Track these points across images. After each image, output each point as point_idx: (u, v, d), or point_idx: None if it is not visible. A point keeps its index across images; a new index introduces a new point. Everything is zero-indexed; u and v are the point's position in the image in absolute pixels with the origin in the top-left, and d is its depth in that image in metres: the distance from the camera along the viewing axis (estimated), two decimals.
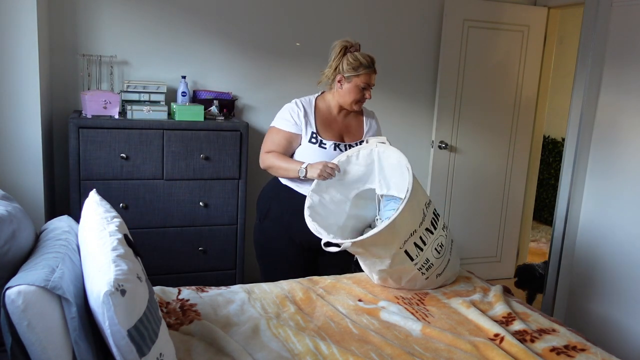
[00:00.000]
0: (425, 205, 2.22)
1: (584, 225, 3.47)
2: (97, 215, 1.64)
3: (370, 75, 2.44)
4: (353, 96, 2.46)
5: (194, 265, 3.18)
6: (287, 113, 2.48)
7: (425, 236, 2.18)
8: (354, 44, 2.45)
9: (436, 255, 2.23)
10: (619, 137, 3.24)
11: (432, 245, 2.21)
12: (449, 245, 2.32)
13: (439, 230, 2.26)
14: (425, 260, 2.20)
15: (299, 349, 1.81)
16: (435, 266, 2.25)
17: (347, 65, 2.41)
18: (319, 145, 2.44)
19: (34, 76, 2.80)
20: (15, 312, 1.23)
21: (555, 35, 4.22)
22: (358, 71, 2.41)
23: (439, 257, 2.24)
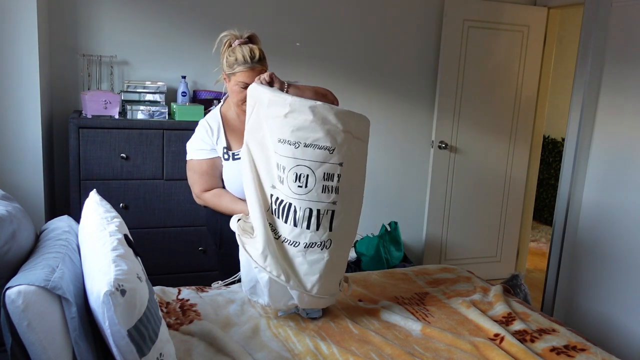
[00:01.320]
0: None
1: (584, 225, 3.47)
2: (97, 215, 1.64)
3: (247, 73, 2.07)
4: (236, 96, 2.14)
5: (194, 265, 3.18)
6: (198, 141, 2.22)
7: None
8: (240, 35, 2.13)
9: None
10: (619, 137, 3.24)
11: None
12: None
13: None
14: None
15: (299, 349, 1.81)
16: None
17: (225, 62, 2.12)
18: (232, 159, 2.19)
19: (34, 76, 2.80)
20: (15, 312, 1.23)
21: (555, 35, 4.22)
22: (234, 68, 2.09)
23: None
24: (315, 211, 1.87)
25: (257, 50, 2.11)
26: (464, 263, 4.02)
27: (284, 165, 1.86)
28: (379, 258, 3.63)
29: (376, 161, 3.93)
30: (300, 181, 1.85)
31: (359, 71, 3.81)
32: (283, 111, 1.84)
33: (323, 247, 1.91)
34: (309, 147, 1.84)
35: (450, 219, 4.15)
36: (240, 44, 2.11)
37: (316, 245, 1.90)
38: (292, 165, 1.84)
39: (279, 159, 1.87)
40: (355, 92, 3.81)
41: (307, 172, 1.85)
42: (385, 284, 2.42)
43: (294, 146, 1.84)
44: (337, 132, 1.85)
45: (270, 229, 1.92)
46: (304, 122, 1.82)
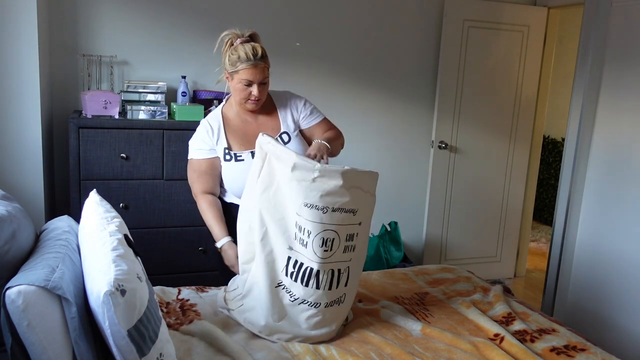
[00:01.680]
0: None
1: (584, 225, 3.47)
2: (97, 215, 1.64)
3: (250, 71, 2.07)
4: (238, 94, 2.14)
5: (194, 265, 3.17)
6: (198, 141, 2.21)
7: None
8: (242, 34, 2.13)
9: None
10: (619, 137, 3.24)
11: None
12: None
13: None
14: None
15: (298, 349, 1.81)
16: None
17: (227, 60, 2.11)
18: (235, 160, 2.17)
19: (34, 76, 2.80)
20: (15, 312, 1.23)
21: (555, 35, 4.22)
22: (237, 66, 2.08)
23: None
24: (336, 272, 1.87)
25: (260, 47, 2.10)
26: (464, 263, 4.02)
27: (309, 229, 1.80)
28: (379, 258, 3.63)
29: (376, 161, 3.93)
30: (326, 245, 1.81)
31: (359, 71, 3.81)
32: (311, 175, 1.80)
33: (339, 302, 1.92)
34: (336, 211, 1.81)
35: (450, 219, 4.15)
36: (242, 42, 2.10)
37: (334, 302, 1.90)
38: (319, 230, 1.80)
39: (304, 223, 1.81)
40: (355, 92, 3.81)
41: (334, 236, 1.82)
42: (385, 284, 2.42)
43: (322, 211, 1.79)
44: (360, 194, 1.85)
45: (286, 291, 1.88)
46: (334, 188, 1.79)
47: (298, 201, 1.81)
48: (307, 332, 1.88)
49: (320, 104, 3.14)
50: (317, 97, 3.50)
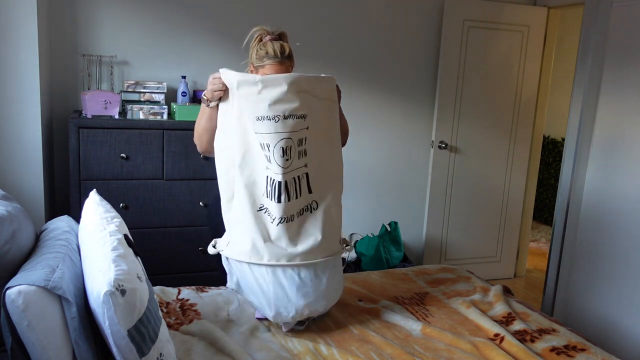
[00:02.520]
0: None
1: (584, 225, 3.47)
2: (97, 215, 1.64)
3: (275, 67, 2.11)
4: None
5: (194, 265, 3.18)
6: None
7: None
8: (272, 32, 2.18)
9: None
10: (619, 137, 3.24)
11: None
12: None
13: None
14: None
15: (298, 348, 1.81)
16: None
17: (255, 55, 2.16)
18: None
19: (34, 76, 2.80)
20: (15, 312, 1.23)
21: (555, 35, 4.22)
22: (263, 61, 2.12)
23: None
24: (297, 179, 1.93)
25: (288, 47, 2.16)
26: (464, 263, 4.02)
27: (268, 142, 1.88)
28: (379, 258, 3.63)
29: (376, 161, 3.93)
30: (286, 154, 1.89)
31: (359, 71, 3.81)
32: (256, 88, 1.88)
33: (311, 210, 1.97)
34: (288, 118, 1.88)
35: (450, 219, 4.15)
36: (272, 39, 2.16)
37: (304, 210, 1.96)
38: (276, 140, 1.87)
39: (262, 138, 1.89)
40: (355, 92, 3.81)
41: (290, 143, 1.89)
42: (385, 284, 2.42)
43: (274, 120, 1.87)
44: (309, 98, 1.92)
45: (265, 213, 1.93)
46: (280, 95, 1.87)
47: (251, 118, 1.89)
48: (294, 249, 1.93)
49: None
50: None
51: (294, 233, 1.95)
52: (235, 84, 1.91)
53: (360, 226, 3.93)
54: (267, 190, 1.92)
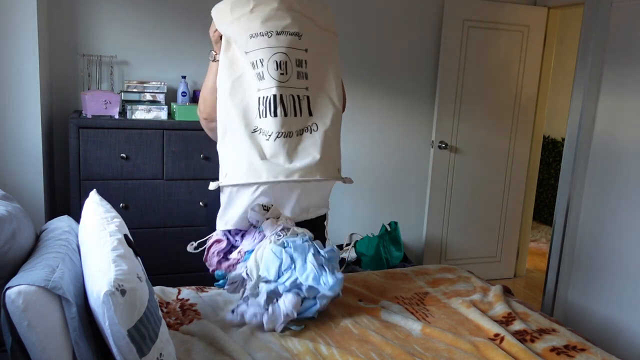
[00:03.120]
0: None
1: (584, 225, 3.47)
2: (97, 215, 1.64)
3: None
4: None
5: (194, 265, 3.17)
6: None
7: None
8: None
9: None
10: (618, 136, 3.24)
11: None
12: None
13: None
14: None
15: (298, 348, 1.81)
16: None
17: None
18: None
19: (34, 76, 2.80)
20: (15, 312, 1.23)
21: (555, 35, 4.22)
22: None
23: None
24: (296, 98, 1.95)
25: None
26: (464, 263, 4.02)
27: (261, 58, 1.90)
28: (379, 258, 3.63)
29: (376, 161, 3.93)
30: (281, 68, 1.91)
31: (359, 71, 3.81)
32: (247, 8, 1.92)
33: (311, 131, 1.98)
34: (281, 34, 1.91)
35: (450, 219, 4.14)
36: None
37: (304, 131, 1.97)
38: (270, 54, 1.89)
39: (255, 55, 1.91)
40: (355, 92, 3.81)
41: (285, 58, 1.92)
42: (385, 284, 2.42)
43: (267, 36, 1.90)
44: (301, 18, 1.95)
45: (259, 133, 1.93)
46: (271, 12, 1.91)
47: (244, 38, 1.92)
48: (291, 165, 1.93)
49: None
50: None
51: (292, 150, 1.94)
52: (228, 8, 1.95)
53: (360, 226, 3.93)
54: (260, 110, 1.92)
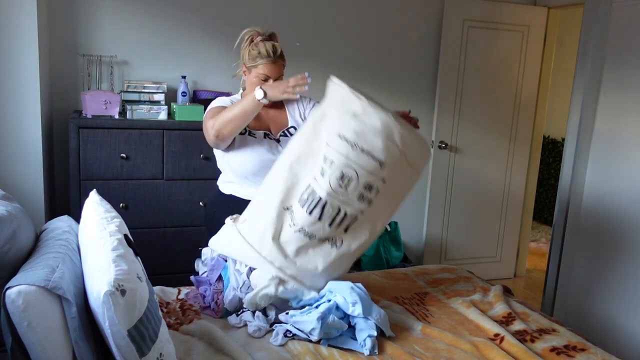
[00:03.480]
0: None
1: (584, 225, 3.47)
2: (97, 215, 1.64)
3: (269, 66, 2.19)
4: (254, 88, 2.17)
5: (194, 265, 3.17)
6: (219, 101, 2.31)
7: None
8: (262, 32, 2.24)
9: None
10: (618, 137, 3.24)
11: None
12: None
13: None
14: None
15: (298, 349, 1.81)
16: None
17: (247, 55, 2.23)
18: (248, 134, 2.24)
19: (34, 76, 2.80)
20: (15, 312, 1.23)
21: (555, 35, 4.22)
22: (256, 61, 2.20)
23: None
24: (342, 212, 1.89)
25: (279, 46, 2.23)
26: (464, 263, 4.02)
27: (332, 159, 1.86)
28: (379, 258, 3.63)
29: None
30: (343, 182, 1.86)
31: (359, 71, 3.81)
32: (355, 110, 1.86)
33: (333, 244, 1.94)
34: (364, 153, 1.84)
35: (450, 219, 4.14)
36: (263, 40, 2.22)
37: (328, 240, 1.93)
38: (342, 163, 1.85)
39: (330, 153, 1.87)
40: None
41: (354, 176, 1.86)
42: (385, 284, 2.42)
43: (351, 146, 1.84)
44: (394, 150, 1.87)
45: (289, 214, 1.92)
46: (370, 129, 1.84)
47: (333, 130, 1.88)
48: (292, 261, 1.92)
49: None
50: (317, 97, 3.50)
51: (303, 250, 1.92)
52: (341, 96, 1.91)
53: None
54: (303, 197, 1.90)
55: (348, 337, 1.88)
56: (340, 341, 1.85)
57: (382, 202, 1.95)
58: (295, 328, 1.86)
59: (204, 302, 2.06)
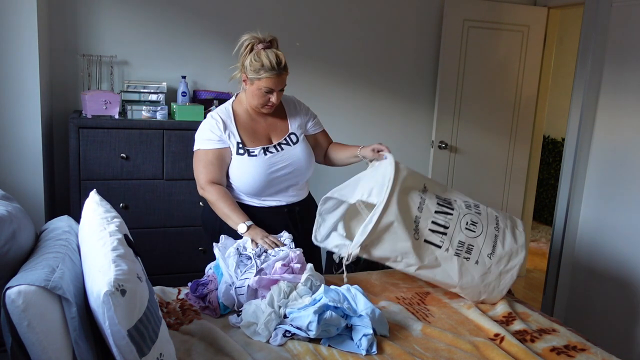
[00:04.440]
0: (421, 190, 2.20)
1: (584, 225, 3.47)
2: (97, 215, 1.64)
3: (273, 80, 2.14)
4: (257, 100, 2.20)
5: (194, 265, 3.17)
6: (207, 131, 2.22)
7: (441, 219, 2.12)
8: (263, 39, 2.15)
9: (471, 234, 2.13)
10: (618, 137, 3.24)
11: (458, 225, 2.13)
12: (487, 220, 2.21)
13: (460, 209, 2.21)
14: (458, 243, 2.12)
15: (298, 349, 1.81)
16: (479, 246, 2.13)
17: (249, 66, 2.15)
18: (248, 155, 2.22)
19: (34, 76, 2.80)
20: (15, 312, 1.23)
21: (555, 35, 4.22)
22: (259, 74, 2.13)
23: (475, 235, 2.13)
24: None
25: (282, 56, 2.15)
26: None
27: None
28: None
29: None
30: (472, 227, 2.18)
31: (359, 71, 3.81)
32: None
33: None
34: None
35: None
36: (264, 48, 2.14)
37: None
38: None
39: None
40: (355, 92, 3.82)
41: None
42: (385, 284, 2.42)
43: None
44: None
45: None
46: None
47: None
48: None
49: (321, 104, 3.14)
50: (317, 97, 3.50)
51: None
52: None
53: None
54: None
55: (347, 338, 1.88)
56: (339, 343, 1.85)
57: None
58: (293, 327, 1.86)
59: (203, 303, 2.06)
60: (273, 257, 2.06)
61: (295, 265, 2.05)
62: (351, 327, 1.89)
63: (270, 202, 2.30)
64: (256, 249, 2.08)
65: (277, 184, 2.27)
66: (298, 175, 2.32)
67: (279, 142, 2.29)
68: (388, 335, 1.91)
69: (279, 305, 1.90)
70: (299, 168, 2.30)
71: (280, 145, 2.28)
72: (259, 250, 2.07)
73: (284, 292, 1.92)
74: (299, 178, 2.34)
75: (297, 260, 2.06)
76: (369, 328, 1.84)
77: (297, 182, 2.35)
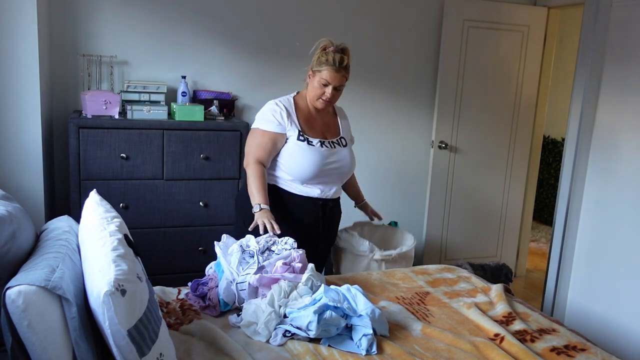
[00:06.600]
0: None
1: (584, 225, 3.47)
2: (97, 215, 1.64)
3: (331, 74, 2.38)
4: (314, 91, 2.43)
5: (194, 265, 3.17)
6: (269, 114, 2.43)
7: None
8: (335, 45, 2.42)
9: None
10: (618, 137, 3.24)
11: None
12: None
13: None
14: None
15: (298, 349, 1.81)
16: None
17: (316, 60, 2.41)
18: (307, 143, 2.42)
19: (34, 76, 2.80)
20: (15, 312, 1.23)
21: (555, 35, 4.22)
22: (321, 67, 2.39)
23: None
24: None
25: (347, 59, 2.42)
26: None
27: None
28: None
29: (377, 161, 3.93)
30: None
31: (359, 71, 3.80)
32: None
33: None
34: None
35: (450, 219, 4.14)
36: (334, 50, 2.39)
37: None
38: None
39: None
40: (355, 92, 3.81)
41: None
42: (385, 284, 2.42)
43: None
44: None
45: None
46: None
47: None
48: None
49: None
50: None
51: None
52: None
53: None
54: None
55: (347, 338, 1.88)
56: (339, 342, 1.85)
57: None
58: (294, 326, 1.86)
59: (204, 302, 2.06)
60: (276, 255, 2.08)
61: (297, 264, 2.06)
62: (351, 327, 1.89)
63: (310, 191, 2.46)
64: (259, 245, 2.11)
65: (325, 175, 2.46)
66: (343, 174, 2.56)
67: (332, 140, 2.51)
68: (388, 335, 1.91)
69: (280, 304, 1.90)
70: (345, 167, 2.53)
71: (334, 143, 2.50)
72: (262, 247, 2.12)
73: (285, 292, 1.92)
74: (343, 177, 2.58)
75: (298, 260, 2.07)
76: (368, 328, 1.84)
77: (341, 180, 2.57)
